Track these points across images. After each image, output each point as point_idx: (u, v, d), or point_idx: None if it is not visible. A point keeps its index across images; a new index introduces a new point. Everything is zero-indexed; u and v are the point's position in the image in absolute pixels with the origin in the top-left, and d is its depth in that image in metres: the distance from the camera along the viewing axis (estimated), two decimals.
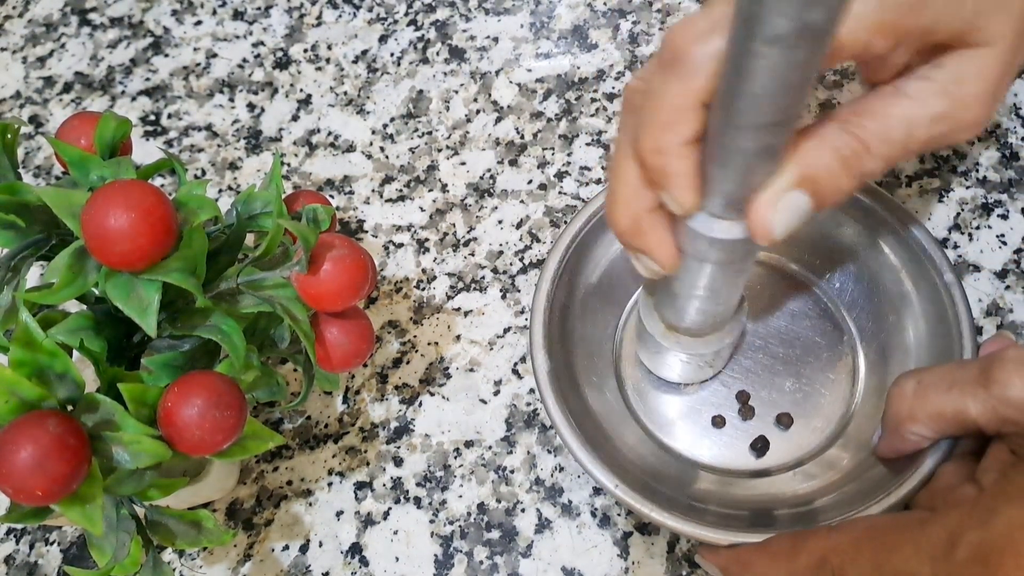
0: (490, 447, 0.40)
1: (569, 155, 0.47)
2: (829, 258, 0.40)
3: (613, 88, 0.49)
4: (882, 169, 0.28)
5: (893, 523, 0.28)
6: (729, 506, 0.36)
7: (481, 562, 0.37)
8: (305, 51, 0.53)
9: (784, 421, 0.38)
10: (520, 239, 0.45)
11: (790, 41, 0.20)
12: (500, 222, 0.45)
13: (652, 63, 0.28)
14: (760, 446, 0.38)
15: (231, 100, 0.51)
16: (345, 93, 0.51)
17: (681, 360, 0.37)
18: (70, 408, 0.26)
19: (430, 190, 0.47)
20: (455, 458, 0.40)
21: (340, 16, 0.54)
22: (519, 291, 0.43)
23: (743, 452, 0.38)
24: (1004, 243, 0.42)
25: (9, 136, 0.31)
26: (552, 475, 0.39)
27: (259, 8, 0.55)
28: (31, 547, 0.39)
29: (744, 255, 0.29)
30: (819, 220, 0.40)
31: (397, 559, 0.38)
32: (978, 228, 0.42)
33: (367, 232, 0.46)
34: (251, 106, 0.51)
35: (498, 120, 0.49)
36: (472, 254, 0.45)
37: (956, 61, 0.28)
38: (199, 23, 0.55)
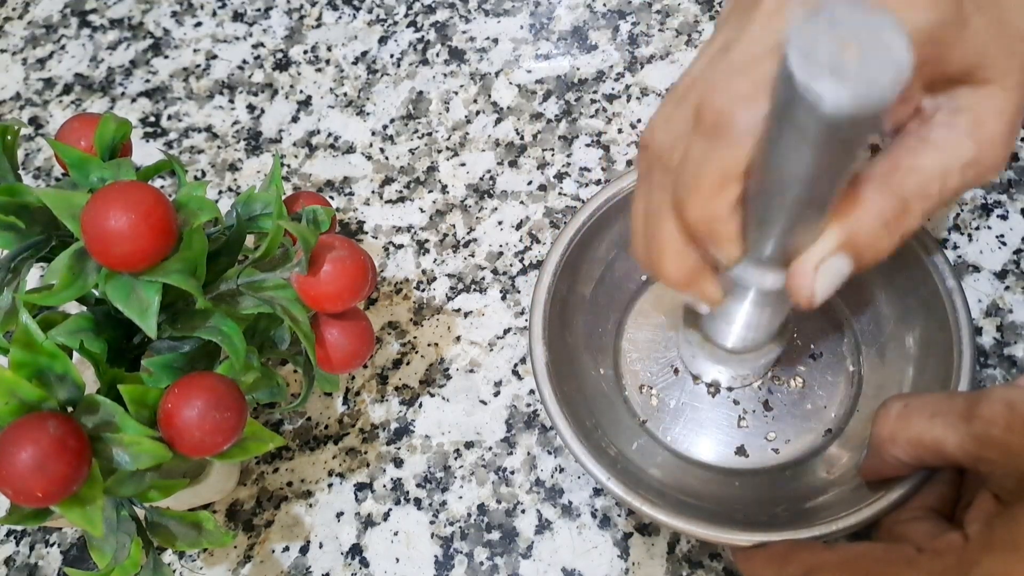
0: (490, 448, 0.40)
1: (569, 156, 0.47)
2: None
3: (613, 89, 0.49)
4: (919, 224, 0.27)
5: (882, 555, 0.28)
6: (723, 503, 0.36)
7: (481, 563, 0.37)
8: (305, 52, 0.53)
9: (782, 420, 0.38)
10: (520, 240, 0.45)
11: (820, 143, 0.19)
12: (500, 223, 0.45)
13: (677, 113, 0.27)
14: (758, 445, 0.38)
15: (231, 101, 0.51)
16: (345, 94, 0.51)
17: (718, 370, 0.38)
18: (70, 409, 0.26)
19: (430, 191, 0.47)
20: (455, 459, 0.40)
21: (340, 17, 0.54)
22: (519, 292, 0.43)
23: (740, 450, 0.38)
24: (1004, 244, 0.42)
25: (9, 138, 0.31)
26: (552, 476, 0.39)
27: (259, 9, 0.55)
28: (31, 549, 0.39)
29: (784, 298, 0.29)
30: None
31: (397, 560, 0.38)
32: (978, 229, 0.42)
33: (367, 233, 0.46)
34: (251, 107, 0.51)
35: (498, 121, 0.49)
36: (472, 255, 0.45)
37: (972, 102, 0.28)
38: (199, 24, 0.55)
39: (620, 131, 0.48)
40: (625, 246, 0.41)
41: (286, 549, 0.38)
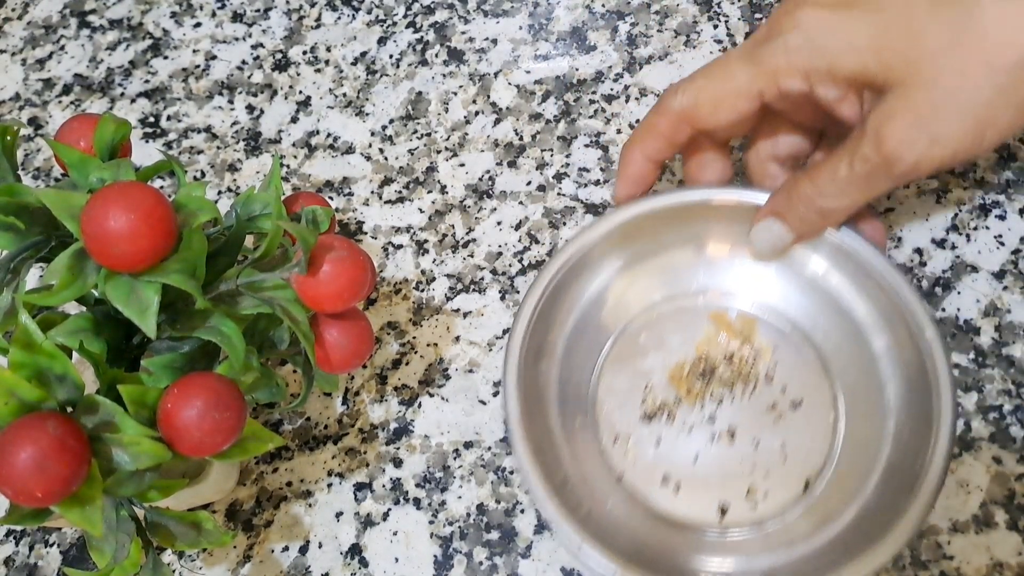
0: (489, 448, 0.40)
1: (568, 156, 0.47)
2: (817, 306, 0.39)
3: (611, 90, 0.49)
4: (846, 206, 0.35)
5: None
6: (693, 561, 0.35)
7: (480, 563, 0.37)
8: (304, 53, 0.53)
9: (760, 472, 0.37)
10: (519, 240, 0.45)
11: None
12: (499, 223, 0.45)
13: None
14: (737, 499, 0.36)
15: (230, 102, 0.51)
16: (344, 95, 0.51)
17: None
18: (70, 410, 0.27)
19: (429, 191, 0.47)
20: (454, 459, 0.40)
21: (339, 18, 0.54)
22: (518, 292, 0.43)
23: (720, 506, 0.36)
24: (1002, 244, 0.42)
25: (8, 138, 0.31)
26: None
27: (258, 10, 0.55)
28: (31, 549, 0.39)
29: None
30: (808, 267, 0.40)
31: (397, 560, 0.38)
32: (976, 229, 0.42)
33: (366, 233, 0.46)
34: (250, 108, 0.51)
35: (497, 122, 0.49)
36: (471, 255, 0.45)
37: (887, 99, 0.31)
38: (198, 25, 0.55)
39: (619, 131, 0.48)
40: (600, 293, 0.40)
41: (285, 549, 0.38)
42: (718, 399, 0.39)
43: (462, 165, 0.48)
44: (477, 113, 0.49)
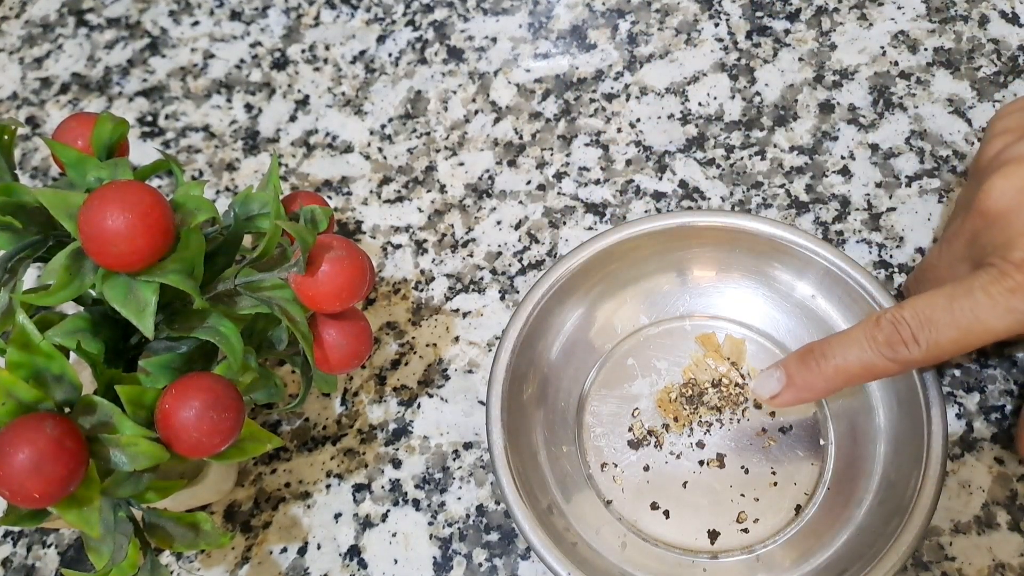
0: (489, 449, 0.39)
1: (568, 155, 0.47)
2: (806, 330, 0.39)
3: (612, 88, 0.49)
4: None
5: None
6: None
7: (480, 564, 0.37)
8: (303, 51, 0.53)
9: (751, 498, 0.36)
10: (519, 240, 0.45)
11: None
12: (499, 223, 0.45)
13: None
14: (728, 525, 0.36)
15: (228, 101, 0.51)
16: (343, 94, 0.51)
17: None
18: (67, 410, 0.26)
19: (428, 191, 0.47)
20: (454, 460, 0.39)
21: (338, 16, 0.54)
22: (518, 292, 0.43)
23: (711, 532, 0.36)
24: None
25: (6, 137, 0.31)
26: None
27: (256, 8, 0.55)
28: (28, 550, 0.39)
29: None
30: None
31: (396, 561, 0.37)
32: None
33: (365, 233, 0.46)
34: (249, 107, 0.51)
35: (496, 121, 0.49)
36: (471, 255, 0.45)
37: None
38: (196, 24, 0.55)
39: (619, 130, 0.47)
40: (585, 318, 0.40)
41: (284, 550, 0.38)
42: (707, 425, 0.38)
43: (461, 164, 0.47)
44: (477, 112, 0.49)
